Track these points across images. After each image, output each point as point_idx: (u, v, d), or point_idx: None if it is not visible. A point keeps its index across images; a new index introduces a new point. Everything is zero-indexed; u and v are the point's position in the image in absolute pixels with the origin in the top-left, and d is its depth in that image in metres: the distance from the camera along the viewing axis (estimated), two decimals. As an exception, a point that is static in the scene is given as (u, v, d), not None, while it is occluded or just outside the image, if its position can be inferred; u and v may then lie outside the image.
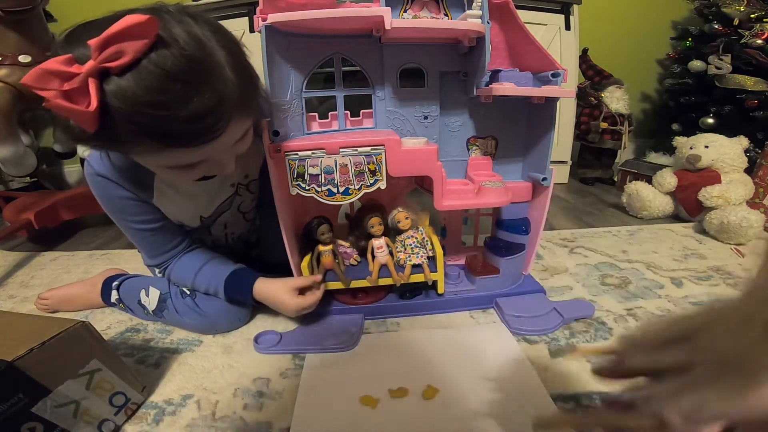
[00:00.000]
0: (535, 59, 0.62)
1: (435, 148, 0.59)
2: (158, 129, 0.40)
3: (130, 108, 0.38)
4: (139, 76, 0.37)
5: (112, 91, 0.37)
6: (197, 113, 0.40)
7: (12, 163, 1.11)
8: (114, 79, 0.37)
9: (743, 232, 0.93)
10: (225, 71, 0.42)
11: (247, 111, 0.48)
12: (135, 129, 0.39)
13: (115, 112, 0.38)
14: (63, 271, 0.95)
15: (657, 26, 1.83)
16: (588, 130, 1.54)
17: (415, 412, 0.49)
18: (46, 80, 0.35)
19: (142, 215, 0.62)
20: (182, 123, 0.40)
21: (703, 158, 1.07)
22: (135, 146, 0.42)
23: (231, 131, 0.46)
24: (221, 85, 0.42)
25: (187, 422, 0.49)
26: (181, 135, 0.41)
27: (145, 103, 0.37)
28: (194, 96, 0.39)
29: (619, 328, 0.64)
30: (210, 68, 0.41)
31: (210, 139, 0.44)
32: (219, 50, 0.42)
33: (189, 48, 0.39)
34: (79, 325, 0.44)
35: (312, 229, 0.65)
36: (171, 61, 0.38)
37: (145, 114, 0.38)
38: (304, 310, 0.63)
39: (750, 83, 1.36)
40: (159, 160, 0.46)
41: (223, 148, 0.48)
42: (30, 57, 1.08)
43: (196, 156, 0.46)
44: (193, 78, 0.39)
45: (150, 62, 0.37)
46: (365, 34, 0.59)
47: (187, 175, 0.50)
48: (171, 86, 0.38)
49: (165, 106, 0.38)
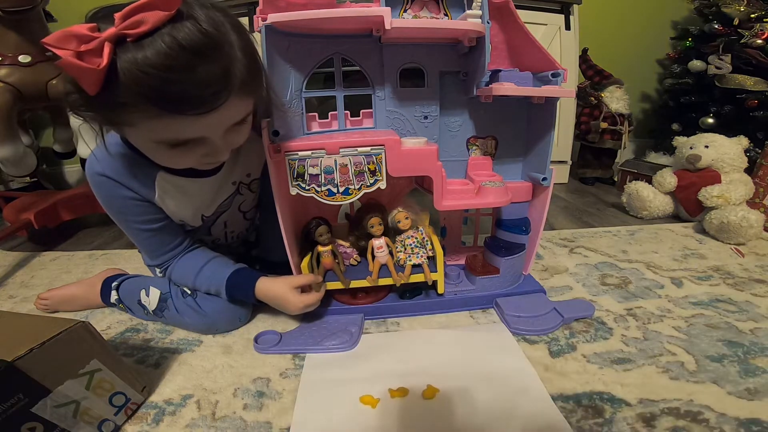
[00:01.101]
0: (535, 59, 0.62)
1: (435, 148, 0.59)
2: (160, 91, 0.41)
3: (136, 69, 0.39)
4: (153, 42, 0.39)
5: (123, 54, 0.39)
6: (201, 80, 0.42)
7: (12, 163, 1.11)
8: (129, 45, 0.39)
9: (743, 231, 0.93)
10: (234, 50, 0.44)
11: (249, 93, 0.49)
12: (138, 90, 0.40)
13: (123, 73, 0.39)
14: (63, 271, 0.95)
15: (657, 26, 1.83)
16: (588, 130, 1.54)
17: (415, 412, 0.49)
18: (66, 41, 0.38)
19: (144, 215, 0.62)
20: (185, 87, 0.41)
21: (703, 158, 1.07)
22: (134, 112, 0.42)
23: (230, 107, 0.46)
24: (228, 61, 0.44)
25: (187, 422, 0.49)
26: (182, 100, 0.42)
27: (152, 64, 0.39)
28: (200, 64, 0.41)
29: (620, 328, 0.64)
30: (221, 44, 0.43)
31: (209, 109, 0.44)
32: (232, 33, 0.44)
33: (205, 25, 0.41)
34: (79, 325, 0.44)
35: (310, 230, 0.65)
36: (185, 32, 0.40)
37: (150, 75, 0.39)
38: (308, 308, 0.63)
39: (750, 83, 1.36)
40: (155, 131, 0.46)
41: (220, 128, 0.49)
42: (30, 57, 1.08)
43: (193, 131, 0.47)
44: (202, 49, 0.41)
45: (166, 32, 0.39)
46: (365, 34, 0.59)
47: (180, 157, 0.51)
48: (180, 53, 0.40)
49: (171, 69, 0.40)
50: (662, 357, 0.57)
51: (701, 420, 0.46)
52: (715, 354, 0.57)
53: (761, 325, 0.63)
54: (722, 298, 0.72)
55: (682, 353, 0.58)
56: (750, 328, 0.63)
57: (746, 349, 0.58)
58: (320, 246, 0.66)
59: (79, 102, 0.43)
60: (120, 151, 0.57)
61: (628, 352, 0.58)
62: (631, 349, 0.59)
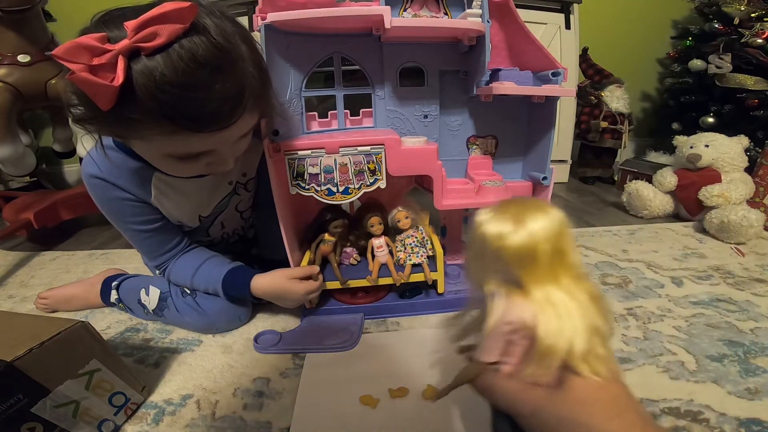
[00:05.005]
0: (535, 58, 0.62)
1: (435, 148, 0.59)
2: (179, 109, 0.41)
3: (155, 87, 0.38)
4: (169, 58, 0.38)
5: (139, 69, 0.38)
6: (219, 98, 0.42)
7: (11, 163, 1.11)
8: (143, 59, 0.38)
9: (743, 231, 0.93)
10: (246, 64, 0.44)
11: (259, 107, 0.50)
12: (156, 108, 0.40)
13: (140, 89, 0.38)
14: (63, 270, 0.95)
15: (657, 25, 1.83)
16: (588, 129, 1.54)
17: (415, 412, 0.49)
18: (76, 53, 0.36)
19: (140, 216, 0.62)
20: (203, 106, 0.41)
21: (704, 157, 1.07)
22: (149, 128, 0.42)
23: (242, 123, 0.47)
24: (242, 76, 0.44)
25: (186, 422, 0.49)
26: (199, 118, 0.42)
27: (171, 83, 0.38)
28: (218, 82, 0.41)
29: (620, 328, 0.64)
30: (235, 59, 0.43)
31: (225, 126, 0.45)
32: (242, 45, 0.44)
33: (218, 38, 0.41)
34: (78, 325, 0.44)
35: (326, 220, 0.65)
36: (202, 48, 0.39)
37: (169, 93, 0.39)
38: (310, 294, 0.62)
39: (750, 82, 1.36)
40: (167, 145, 0.46)
41: (231, 141, 0.49)
42: (29, 56, 1.08)
43: (205, 145, 0.47)
44: (219, 65, 0.41)
45: (181, 46, 0.38)
46: (365, 33, 0.59)
47: (186, 167, 0.51)
48: (198, 71, 0.39)
49: (190, 87, 0.39)
50: (662, 356, 0.57)
51: (701, 420, 0.46)
52: (716, 353, 0.57)
53: (761, 325, 0.63)
54: (722, 297, 0.72)
55: (682, 353, 0.58)
56: (750, 327, 0.63)
57: (746, 348, 0.58)
58: (328, 234, 0.66)
59: (85, 116, 0.42)
60: (114, 152, 0.57)
61: (628, 352, 0.58)
62: (631, 348, 0.59)
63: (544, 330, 0.28)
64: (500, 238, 0.29)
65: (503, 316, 0.30)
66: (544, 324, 0.28)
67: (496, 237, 0.29)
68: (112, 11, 0.42)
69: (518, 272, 0.29)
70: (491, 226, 0.29)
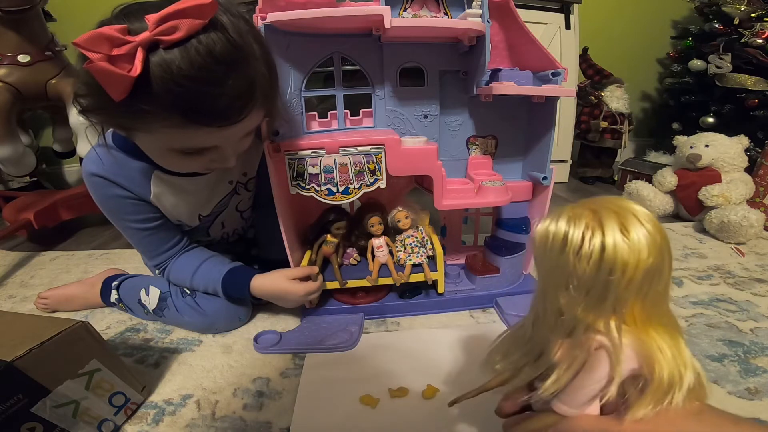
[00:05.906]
0: (535, 58, 0.62)
1: (435, 148, 0.59)
2: (192, 103, 0.41)
3: (170, 79, 0.39)
4: (187, 52, 0.39)
5: (156, 62, 0.39)
6: (231, 94, 0.43)
7: (11, 163, 1.11)
8: (160, 52, 0.39)
9: (743, 231, 0.93)
10: (258, 62, 0.45)
11: (266, 105, 0.50)
12: (169, 100, 0.40)
13: (156, 81, 0.39)
14: (63, 270, 0.95)
15: (657, 25, 1.83)
16: (588, 129, 1.54)
17: (415, 412, 0.49)
18: (97, 43, 0.37)
19: (140, 214, 0.62)
20: (216, 101, 0.42)
21: (704, 157, 1.07)
22: (158, 120, 0.43)
23: (250, 120, 0.48)
24: (254, 74, 0.45)
25: (186, 422, 0.49)
26: (210, 113, 0.43)
27: (187, 76, 0.39)
28: (231, 78, 0.42)
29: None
30: (248, 57, 0.44)
31: (234, 122, 0.46)
32: (254, 43, 0.45)
33: (234, 36, 0.42)
34: (78, 325, 0.44)
35: (328, 221, 0.65)
36: (219, 44, 0.40)
37: (184, 86, 0.40)
38: (310, 295, 0.62)
39: (750, 82, 1.36)
40: (172, 139, 0.47)
41: (236, 138, 0.50)
42: (29, 56, 1.07)
43: (210, 140, 0.48)
44: (234, 62, 0.42)
45: (199, 42, 0.39)
46: (365, 33, 0.59)
47: (189, 163, 0.51)
48: (214, 66, 0.40)
49: (205, 82, 0.40)
50: (662, 356, 0.57)
51: (702, 419, 0.46)
52: (716, 353, 0.57)
53: (761, 325, 0.63)
54: (722, 297, 0.72)
55: (682, 353, 0.58)
56: (750, 327, 0.63)
57: (746, 348, 0.58)
58: (330, 236, 0.66)
59: (93, 105, 0.43)
60: (114, 150, 0.57)
61: (628, 352, 0.58)
62: (631, 348, 0.59)
63: (664, 368, 0.26)
64: (635, 263, 0.25)
65: (626, 366, 0.27)
66: (660, 362, 0.27)
67: (625, 263, 0.24)
68: (132, 5, 0.42)
69: (632, 299, 0.26)
70: (621, 252, 0.24)
